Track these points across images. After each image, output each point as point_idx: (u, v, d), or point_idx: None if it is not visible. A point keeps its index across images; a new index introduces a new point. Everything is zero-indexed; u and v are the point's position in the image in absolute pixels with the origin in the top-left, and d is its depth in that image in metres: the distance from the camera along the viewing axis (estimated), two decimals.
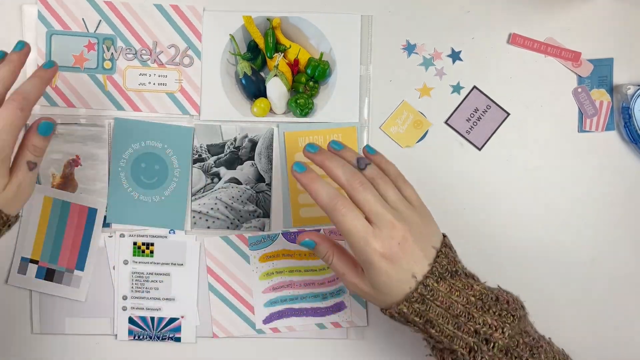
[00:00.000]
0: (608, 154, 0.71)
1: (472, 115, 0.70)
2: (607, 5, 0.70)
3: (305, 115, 0.69)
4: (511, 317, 0.56)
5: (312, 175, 0.56)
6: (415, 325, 0.56)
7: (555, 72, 0.70)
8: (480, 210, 0.70)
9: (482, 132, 0.71)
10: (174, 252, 0.70)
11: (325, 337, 0.72)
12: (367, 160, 0.58)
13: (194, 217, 0.70)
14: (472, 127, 0.70)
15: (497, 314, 0.55)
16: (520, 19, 0.70)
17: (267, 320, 0.71)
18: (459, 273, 0.57)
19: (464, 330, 0.55)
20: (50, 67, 0.59)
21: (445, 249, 0.57)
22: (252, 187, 0.70)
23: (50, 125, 0.57)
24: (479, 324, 0.54)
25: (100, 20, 0.68)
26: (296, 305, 0.71)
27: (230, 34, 0.68)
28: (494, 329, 0.54)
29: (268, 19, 0.68)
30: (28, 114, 0.56)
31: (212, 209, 0.70)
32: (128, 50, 0.68)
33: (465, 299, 0.55)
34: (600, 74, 0.70)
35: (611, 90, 0.70)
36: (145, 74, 0.69)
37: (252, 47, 0.69)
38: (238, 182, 0.70)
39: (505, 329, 0.55)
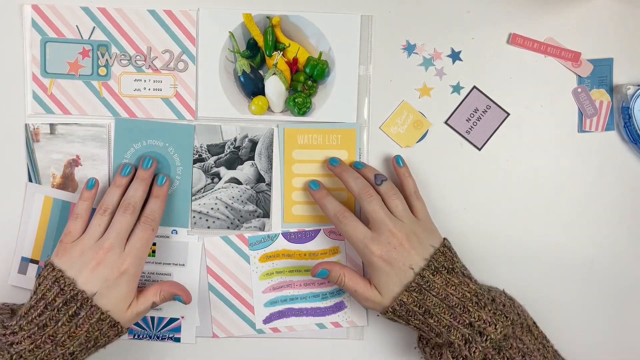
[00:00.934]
0: (608, 154, 0.71)
1: (472, 115, 0.70)
2: (607, 5, 0.70)
3: (303, 114, 0.69)
4: (504, 317, 0.60)
5: (323, 192, 0.67)
6: (415, 318, 0.61)
7: (555, 72, 0.70)
8: (480, 210, 0.70)
9: (482, 132, 0.70)
10: (176, 252, 0.70)
11: (325, 337, 0.72)
12: (383, 177, 0.66)
13: (194, 217, 0.70)
14: (472, 127, 0.70)
15: (492, 312, 0.60)
16: (520, 19, 0.70)
17: (267, 320, 0.71)
18: (456, 271, 0.62)
19: (459, 321, 0.60)
20: (162, 183, 0.66)
21: (444, 249, 0.63)
22: (252, 187, 0.70)
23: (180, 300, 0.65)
24: (474, 317, 0.60)
25: (94, 27, 0.68)
26: (296, 305, 0.71)
27: (229, 31, 0.68)
28: (488, 324, 0.60)
29: (268, 17, 0.68)
30: (156, 231, 0.65)
31: (212, 209, 0.70)
32: (122, 56, 0.68)
33: (461, 293, 0.61)
34: (600, 74, 0.70)
35: (611, 90, 0.70)
36: (140, 80, 0.69)
37: (252, 45, 0.69)
38: (238, 182, 0.70)
39: (498, 326, 0.60)
